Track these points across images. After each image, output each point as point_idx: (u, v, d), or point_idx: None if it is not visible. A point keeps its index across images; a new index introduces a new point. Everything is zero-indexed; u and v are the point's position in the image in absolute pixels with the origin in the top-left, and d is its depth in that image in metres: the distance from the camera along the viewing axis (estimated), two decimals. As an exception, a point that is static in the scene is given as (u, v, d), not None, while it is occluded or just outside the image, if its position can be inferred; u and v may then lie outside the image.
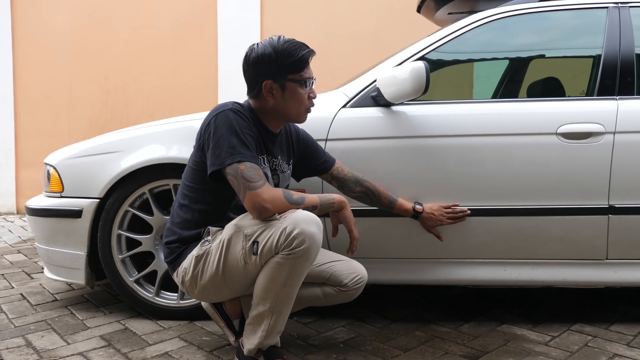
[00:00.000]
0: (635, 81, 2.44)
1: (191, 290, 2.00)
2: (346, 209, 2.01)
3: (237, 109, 1.91)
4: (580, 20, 2.67)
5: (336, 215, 2.03)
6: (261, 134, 2.00)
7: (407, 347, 2.24)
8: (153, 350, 2.20)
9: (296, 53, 1.93)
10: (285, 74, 1.94)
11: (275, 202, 1.81)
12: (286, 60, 1.92)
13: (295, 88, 1.96)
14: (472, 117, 2.42)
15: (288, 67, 1.93)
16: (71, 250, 2.55)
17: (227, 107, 1.90)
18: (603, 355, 2.17)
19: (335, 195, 2.00)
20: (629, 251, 2.40)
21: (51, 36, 6.07)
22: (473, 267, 2.46)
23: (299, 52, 1.93)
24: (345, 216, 2.02)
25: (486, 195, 2.37)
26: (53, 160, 2.63)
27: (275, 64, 1.93)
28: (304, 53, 1.94)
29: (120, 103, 6.09)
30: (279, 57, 1.92)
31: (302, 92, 1.97)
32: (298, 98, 1.98)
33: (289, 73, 1.94)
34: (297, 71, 1.95)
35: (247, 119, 1.92)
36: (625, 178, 2.33)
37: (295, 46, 1.94)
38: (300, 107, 2.00)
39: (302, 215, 1.78)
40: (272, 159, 2.05)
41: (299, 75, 1.95)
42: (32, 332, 2.40)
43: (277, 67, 1.93)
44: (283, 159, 2.12)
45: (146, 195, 2.48)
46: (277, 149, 2.09)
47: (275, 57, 1.92)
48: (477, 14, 2.58)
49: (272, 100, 1.97)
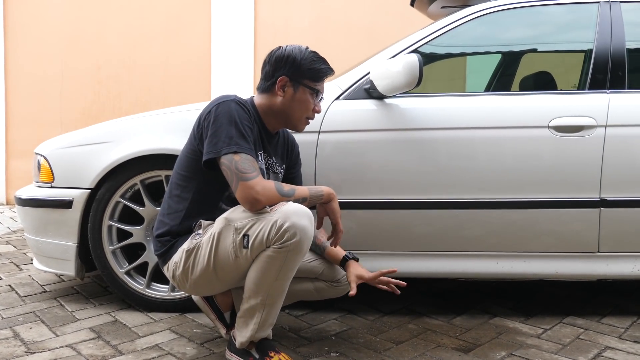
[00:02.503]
0: (626, 75, 2.46)
1: (182, 284, 1.99)
2: (334, 201, 2.00)
3: (240, 101, 1.93)
4: (571, 15, 2.68)
5: (323, 207, 2.02)
6: (260, 132, 2.02)
7: (399, 339, 2.25)
8: (143, 342, 2.19)
9: (319, 64, 2.00)
10: (302, 77, 1.99)
11: (267, 194, 1.80)
12: (308, 65, 1.98)
13: (306, 93, 2.00)
14: (465, 110, 2.42)
15: (307, 72, 1.98)
16: (61, 241, 2.53)
17: (229, 98, 1.92)
18: (595, 348, 2.18)
19: (324, 188, 1.99)
20: (620, 244, 2.41)
21: (43, 26, 6.01)
22: (465, 260, 2.46)
23: (321, 65, 2.00)
24: (332, 208, 2.00)
25: (478, 188, 2.37)
26: (44, 150, 2.61)
27: (297, 65, 1.98)
28: (325, 68, 2.01)
29: (113, 93, 6.05)
30: (302, 61, 1.98)
31: (310, 100, 2.01)
32: (305, 103, 2.01)
33: (305, 78, 1.99)
34: (313, 80, 2.00)
35: (248, 112, 1.93)
36: (617, 171, 2.34)
37: (320, 59, 2.01)
38: (303, 113, 2.02)
39: (293, 207, 1.77)
40: (267, 157, 2.06)
41: (313, 84, 2.00)
42: (20, 323, 2.38)
43: (297, 69, 1.98)
44: (277, 161, 2.12)
45: (138, 186, 2.46)
46: (273, 150, 2.10)
47: (299, 59, 1.98)
48: (469, 8, 2.58)
49: (281, 97, 2.00)
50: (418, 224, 2.42)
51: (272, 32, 5.84)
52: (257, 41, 5.84)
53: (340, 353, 2.10)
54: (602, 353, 2.13)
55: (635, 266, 2.43)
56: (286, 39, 5.73)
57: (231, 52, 5.85)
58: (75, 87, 6.04)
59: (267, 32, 5.84)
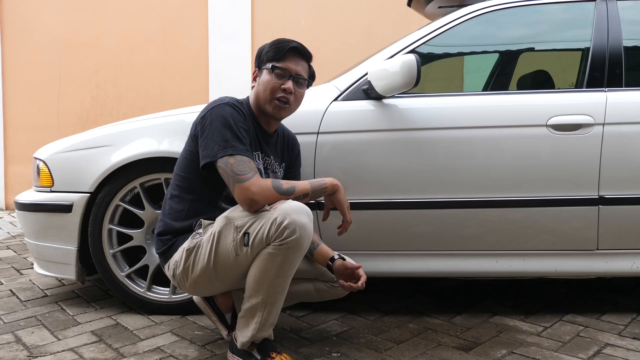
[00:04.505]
0: (624, 73, 2.46)
1: (182, 283, 1.99)
2: (339, 192, 2.00)
3: (234, 104, 1.95)
4: (568, 13, 2.68)
5: (330, 198, 2.02)
6: (256, 132, 2.04)
7: (400, 339, 2.25)
8: (145, 345, 2.19)
9: (277, 43, 2.00)
10: (266, 61, 2.01)
11: (264, 194, 1.81)
12: (268, 47, 2.01)
13: (268, 74, 2.00)
14: (463, 109, 2.43)
15: (268, 53, 2.01)
16: (61, 245, 2.53)
17: (224, 101, 1.94)
18: (595, 345, 2.18)
19: (327, 179, 1.99)
20: (619, 241, 2.42)
21: (40, 30, 6.01)
22: (465, 259, 2.46)
23: (279, 43, 2.00)
24: (338, 199, 2.01)
25: (477, 187, 2.38)
26: (43, 154, 2.61)
27: (261, 52, 2.04)
28: (282, 43, 2.00)
29: (111, 97, 6.04)
30: (266, 46, 2.03)
31: (271, 78, 1.99)
32: (266, 83, 1.99)
33: (267, 61, 2.01)
34: (274, 59, 1.99)
35: (243, 114, 1.95)
36: (615, 169, 2.35)
37: (283, 39, 2.02)
38: (267, 93, 1.99)
39: (292, 205, 1.79)
40: (265, 157, 2.07)
41: (276, 62, 1.99)
42: (22, 328, 2.38)
43: (261, 54, 2.04)
44: (276, 160, 2.13)
45: (137, 189, 2.47)
46: (271, 149, 2.11)
47: (265, 47, 2.03)
48: (466, 8, 2.59)
49: (254, 87, 2.05)
50: (417, 223, 2.43)
51: (269, 33, 5.84)
52: (254, 42, 5.84)
53: (342, 353, 2.11)
54: (602, 350, 2.14)
55: (634, 263, 2.43)
56: (283, 41, 5.73)
57: (228, 54, 5.84)
58: (72, 91, 6.03)
59: (264, 33, 5.84)
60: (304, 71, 2.04)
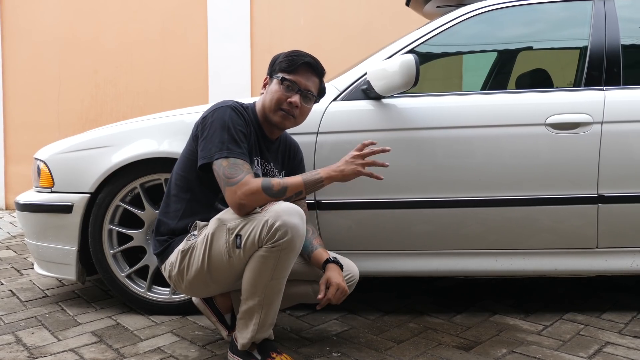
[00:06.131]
0: (622, 71, 2.46)
1: (178, 284, 2.00)
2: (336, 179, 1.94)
3: (237, 108, 1.96)
4: (566, 12, 2.69)
5: None
6: (258, 137, 2.04)
7: (400, 338, 2.25)
8: (145, 345, 2.19)
9: (292, 55, 2.01)
10: (277, 70, 2.02)
11: (252, 197, 1.82)
12: (282, 57, 2.02)
13: (276, 83, 2.01)
14: (462, 109, 2.43)
15: (280, 63, 2.01)
16: (62, 245, 2.54)
17: (226, 104, 1.96)
18: (595, 344, 2.19)
19: (319, 171, 1.94)
20: (618, 239, 2.42)
21: (40, 30, 6.00)
22: (465, 258, 2.47)
23: (293, 55, 2.01)
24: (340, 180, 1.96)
25: (476, 186, 2.38)
26: (43, 155, 2.61)
27: (275, 60, 2.05)
28: (296, 56, 2.00)
29: (110, 97, 6.04)
30: (280, 56, 2.03)
31: (278, 89, 1.99)
32: (273, 93, 2.00)
33: (279, 70, 2.01)
34: (286, 70, 1.99)
35: (244, 118, 1.96)
36: (614, 167, 2.35)
37: (297, 51, 2.04)
38: (273, 103, 2.00)
39: (283, 206, 1.79)
40: (265, 163, 2.08)
41: (286, 74, 1.99)
42: (22, 328, 2.38)
43: (274, 63, 2.04)
44: (276, 167, 2.13)
45: (137, 189, 2.47)
46: (271, 155, 2.11)
47: (279, 56, 2.04)
48: (464, 7, 2.59)
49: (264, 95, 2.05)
50: (417, 223, 2.43)
51: (268, 33, 5.84)
52: (253, 42, 5.84)
53: (342, 353, 2.11)
54: (603, 349, 2.14)
55: (633, 261, 2.44)
56: (282, 40, 5.75)
57: (228, 53, 5.84)
58: (72, 91, 6.03)
59: (263, 33, 5.84)
60: (314, 87, 2.03)
